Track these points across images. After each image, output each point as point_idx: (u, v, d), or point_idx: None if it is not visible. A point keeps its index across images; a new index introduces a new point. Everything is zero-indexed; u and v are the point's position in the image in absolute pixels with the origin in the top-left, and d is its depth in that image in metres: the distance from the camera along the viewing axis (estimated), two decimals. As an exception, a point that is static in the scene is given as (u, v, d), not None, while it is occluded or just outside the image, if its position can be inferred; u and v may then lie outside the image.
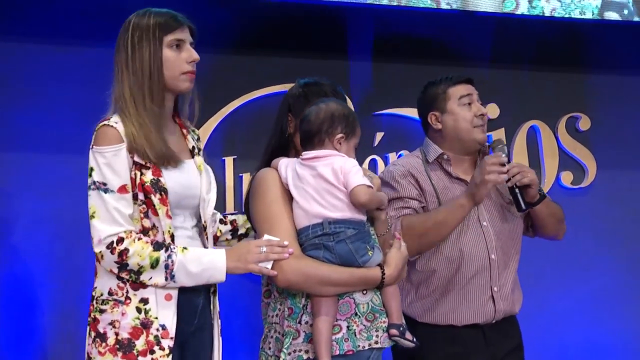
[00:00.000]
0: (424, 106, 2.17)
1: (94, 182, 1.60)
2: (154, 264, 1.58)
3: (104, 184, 1.60)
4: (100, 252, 1.58)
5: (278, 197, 1.72)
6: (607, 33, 3.16)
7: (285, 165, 1.75)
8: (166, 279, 1.59)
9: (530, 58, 3.22)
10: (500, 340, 2.06)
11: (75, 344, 2.45)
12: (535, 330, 2.61)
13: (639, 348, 3.20)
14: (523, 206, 2.00)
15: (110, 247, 1.57)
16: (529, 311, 2.25)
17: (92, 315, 1.63)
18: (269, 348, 1.75)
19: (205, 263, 1.62)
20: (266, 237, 1.67)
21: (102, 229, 1.58)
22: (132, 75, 1.64)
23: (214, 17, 2.75)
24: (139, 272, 1.58)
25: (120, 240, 1.58)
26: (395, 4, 2.80)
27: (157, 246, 1.59)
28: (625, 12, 2.94)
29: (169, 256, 1.59)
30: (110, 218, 1.58)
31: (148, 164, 1.62)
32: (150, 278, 1.59)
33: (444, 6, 2.82)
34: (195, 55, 1.70)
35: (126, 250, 1.57)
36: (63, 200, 2.61)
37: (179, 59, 1.67)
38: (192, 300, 1.68)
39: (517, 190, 1.99)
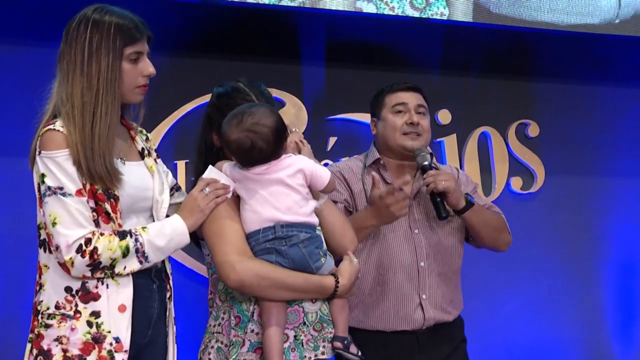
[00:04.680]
0: (370, 112, 2.22)
1: (49, 188, 1.53)
2: (125, 253, 1.55)
3: (61, 188, 1.52)
4: (70, 258, 1.50)
5: (227, 200, 1.67)
6: (553, 43, 3.24)
7: (232, 167, 1.70)
8: (140, 262, 1.57)
9: (480, 66, 3.27)
10: (437, 343, 2.06)
11: (15, 357, 2.35)
12: (483, 332, 2.65)
13: (582, 348, 3.28)
14: (442, 214, 2.00)
15: (79, 250, 1.51)
16: (477, 313, 2.28)
17: (35, 331, 1.54)
18: (209, 359, 1.70)
19: (168, 233, 1.60)
20: (202, 177, 1.67)
21: (69, 234, 1.51)
22: (87, 82, 1.56)
23: (167, 20, 2.71)
24: (112, 265, 1.54)
25: (88, 241, 1.52)
26: (344, 9, 2.81)
27: (122, 235, 1.56)
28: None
29: (136, 240, 1.56)
30: (74, 221, 1.51)
31: None
32: (125, 267, 1.56)
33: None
34: (151, 70, 1.65)
35: (95, 249, 1.52)
36: (2, 204, 2.51)
37: (136, 72, 1.62)
38: (146, 311, 1.63)
39: (437, 198, 1.99)
